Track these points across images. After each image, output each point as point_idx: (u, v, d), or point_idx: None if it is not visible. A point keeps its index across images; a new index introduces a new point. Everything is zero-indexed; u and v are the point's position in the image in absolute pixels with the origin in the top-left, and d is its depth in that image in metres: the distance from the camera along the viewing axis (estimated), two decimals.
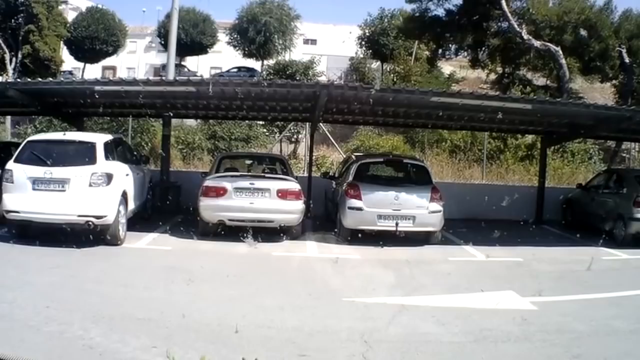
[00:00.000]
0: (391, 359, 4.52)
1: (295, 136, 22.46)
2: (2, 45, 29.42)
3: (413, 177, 10.52)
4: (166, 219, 10.70)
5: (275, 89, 9.92)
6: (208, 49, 41.90)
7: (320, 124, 15.34)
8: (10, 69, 29.38)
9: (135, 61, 45.91)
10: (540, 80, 29.86)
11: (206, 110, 12.79)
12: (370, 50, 38.57)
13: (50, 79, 15.67)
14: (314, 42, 45.91)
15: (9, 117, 22.39)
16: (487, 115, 10.95)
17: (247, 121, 19.22)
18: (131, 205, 9.22)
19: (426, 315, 5.63)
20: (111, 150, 8.90)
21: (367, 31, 38.46)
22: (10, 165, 8.20)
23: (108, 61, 39.52)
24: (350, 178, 9.97)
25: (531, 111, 10.48)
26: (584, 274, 7.87)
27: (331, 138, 19.45)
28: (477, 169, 18.18)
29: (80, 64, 38.52)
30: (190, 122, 20.94)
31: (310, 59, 31.09)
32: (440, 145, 19.38)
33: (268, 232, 9.28)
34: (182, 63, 39.75)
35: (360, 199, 9.47)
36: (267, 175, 10.04)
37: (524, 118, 11.72)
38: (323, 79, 28.73)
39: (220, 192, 9.22)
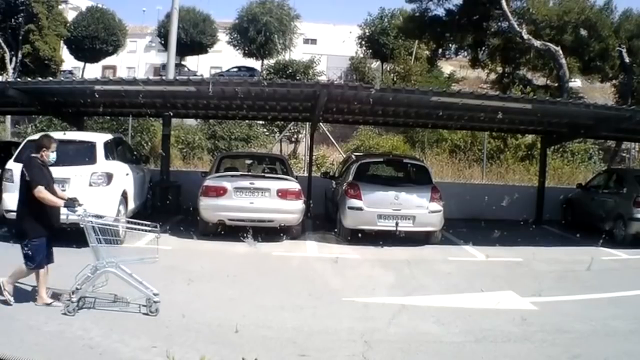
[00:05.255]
0: (391, 359, 4.52)
1: (295, 136, 22.46)
2: (2, 44, 29.43)
3: (413, 177, 10.52)
4: (166, 219, 10.67)
5: (275, 88, 9.92)
6: (208, 49, 41.99)
7: (320, 123, 15.32)
8: (10, 68, 29.40)
9: (135, 61, 45.97)
10: (540, 80, 29.85)
11: (206, 109, 12.77)
12: (370, 50, 38.64)
13: (50, 78, 15.61)
14: (314, 41, 45.95)
15: (9, 117, 22.38)
16: (487, 115, 10.93)
17: (247, 121, 19.23)
18: (131, 205, 9.22)
19: (426, 315, 5.64)
20: (111, 150, 8.89)
21: (367, 31, 38.56)
22: (11, 164, 8.19)
23: (108, 61, 39.60)
24: (350, 178, 9.97)
25: (531, 111, 10.47)
26: (584, 274, 7.88)
27: (331, 138, 19.44)
28: (477, 169, 18.16)
29: (80, 64, 38.58)
30: (190, 122, 20.93)
31: (310, 58, 31.11)
32: (440, 145, 19.38)
33: (268, 232, 9.27)
34: (182, 63, 39.78)
35: (360, 198, 9.47)
36: (267, 175, 10.03)
37: (524, 118, 11.72)
38: (323, 78, 28.72)
39: (220, 192, 9.22)
